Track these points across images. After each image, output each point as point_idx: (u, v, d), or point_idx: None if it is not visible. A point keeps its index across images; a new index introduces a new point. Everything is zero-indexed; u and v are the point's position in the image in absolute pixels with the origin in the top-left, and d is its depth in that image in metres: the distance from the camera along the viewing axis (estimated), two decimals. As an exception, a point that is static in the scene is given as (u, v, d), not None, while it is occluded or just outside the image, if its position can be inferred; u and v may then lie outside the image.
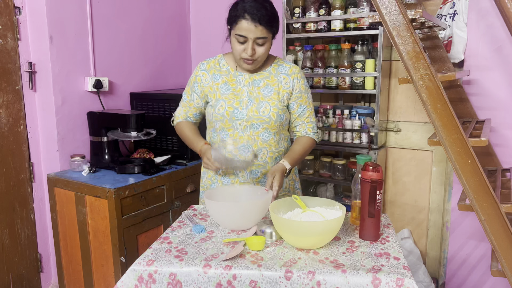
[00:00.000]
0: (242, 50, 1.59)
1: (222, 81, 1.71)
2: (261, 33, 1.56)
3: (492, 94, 2.26)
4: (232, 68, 1.72)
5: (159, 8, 2.95)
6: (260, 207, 1.43)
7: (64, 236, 2.31)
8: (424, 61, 1.54)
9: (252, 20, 1.53)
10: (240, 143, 1.68)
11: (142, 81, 2.86)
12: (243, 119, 1.67)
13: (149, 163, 2.37)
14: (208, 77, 1.72)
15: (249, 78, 1.71)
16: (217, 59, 1.76)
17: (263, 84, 1.71)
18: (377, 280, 1.14)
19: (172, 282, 1.21)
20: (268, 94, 1.69)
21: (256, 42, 1.58)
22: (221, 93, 1.70)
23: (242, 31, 1.55)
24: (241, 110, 1.67)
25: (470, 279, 2.49)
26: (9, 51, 2.22)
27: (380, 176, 1.35)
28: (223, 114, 1.67)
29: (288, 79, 1.72)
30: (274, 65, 1.74)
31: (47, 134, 2.37)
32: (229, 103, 1.68)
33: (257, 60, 1.62)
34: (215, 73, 1.72)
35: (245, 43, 1.58)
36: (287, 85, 1.72)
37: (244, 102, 1.68)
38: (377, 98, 2.40)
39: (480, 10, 2.23)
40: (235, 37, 1.58)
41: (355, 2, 2.44)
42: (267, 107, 1.67)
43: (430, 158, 2.56)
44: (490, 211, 1.58)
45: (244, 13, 1.53)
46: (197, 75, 1.74)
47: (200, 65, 1.76)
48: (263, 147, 1.71)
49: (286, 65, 1.75)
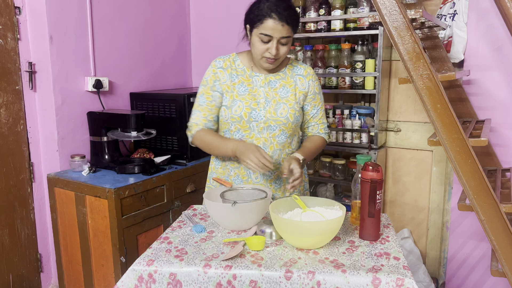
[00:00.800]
0: (265, 49, 1.56)
1: (238, 81, 1.68)
2: (286, 32, 1.54)
3: (492, 94, 2.26)
4: (247, 68, 1.70)
5: (159, 8, 2.95)
6: (260, 207, 1.43)
7: (64, 236, 2.31)
8: (424, 61, 1.54)
9: (280, 20, 1.51)
10: (257, 144, 1.66)
11: (142, 81, 2.86)
12: (261, 120, 1.65)
13: (149, 163, 2.37)
14: (225, 76, 1.68)
15: (265, 79, 1.69)
16: (231, 58, 1.72)
17: (280, 85, 1.69)
18: (377, 280, 1.14)
19: (172, 282, 1.21)
20: (285, 95, 1.68)
21: (280, 41, 1.55)
22: (238, 93, 1.66)
23: (268, 30, 1.52)
24: (259, 111, 1.64)
25: (470, 279, 2.49)
26: (9, 51, 2.22)
27: (380, 176, 1.35)
28: (241, 115, 1.64)
29: (304, 80, 1.72)
30: (289, 66, 1.73)
31: (47, 134, 2.37)
32: (246, 104, 1.64)
33: (278, 59, 1.60)
34: (231, 72, 1.69)
35: (269, 42, 1.55)
36: (303, 86, 1.71)
37: (261, 103, 1.65)
38: (377, 98, 2.40)
39: (480, 10, 2.23)
40: (259, 36, 1.55)
41: (355, 2, 2.44)
42: (284, 109, 1.66)
43: (430, 158, 2.56)
44: (490, 211, 1.58)
45: (270, 12, 1.51)
46: (215, 72, 1.69)
47: (216, 62, 1.71)
48: (278, 149, 1.69)
49: (301, 66, 1.74)
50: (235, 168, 1.72)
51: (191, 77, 3.31)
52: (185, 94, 2.49)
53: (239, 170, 1.71)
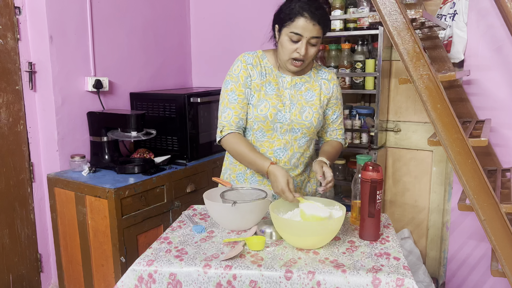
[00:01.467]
0: (293, 49, 1.54)
1: (267, 80, 1.65)
2: (317, 32, 1.52)
3: (492, 94, 2.26)
4: (275, 68, 1.67)
5: (159, 8, 2.95)
6: (260, 207, 1.43)
7: (64, 236, 2.31)
8: (424, 61, 1.54)
9: (312, 19, 1.49)
10: (277, 146, 1.65)
11: (142, 81, 2.86)
12: (285, 122, 1.63)
13: (149, 163, 2.37)
14: (255, 73, 1.64)
15: (291, 81, 1.67)
16: (259, 55, 1.68)
17: (305, 88, 1.67)
18: (377, 280, 1.14)
19: (172, 282, 1.21)
20: (311, 99, 1.66)
21: (309, 42, 1.53)
22: (265, 92, 1.63)
23: (299, 29, 1.50)
24: (284, 113, 1.62)
25: (470, 279, 2.48)
26: (9, 51, 2.22)
27: (380, 176, 1.35)
28: (266, 116, 1.61)
29: (329, 85, 1.71)
30: (313, 69, 1.72)
31: (47, 134, 2.37)
32: (273, 104, 1.62)
33: (305, 61, 1.58)
34: (261, 70, 1.65)
35: (298, 42, 1.53)
36: (328, 91, 1.70)
37: (287, 105, 1.63)
38: (377, 98, 2.40)
39: (480, 10, 2.23)
40: (289, 35, 1.52)
41: (355, 2, 2.44)
42: (310, 112, 1.65)
43: (430, 158, 2.56)
44: (490, 211, 1.58)
45: (302, 11, 1.49)
46: (246, 68, 1.63)
47: (246, 58, 1.65)
48: (298, 151, 1.68)
49: (325, 70, 1.74)
50: None
51: (191, 77, 3.31)
52: (185, 94, 2.49)
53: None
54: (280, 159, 1.66)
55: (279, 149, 1.65)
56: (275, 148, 1.65)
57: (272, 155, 1.65)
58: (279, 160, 1.66)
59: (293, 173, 1.70)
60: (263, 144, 1.66)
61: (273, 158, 1.65)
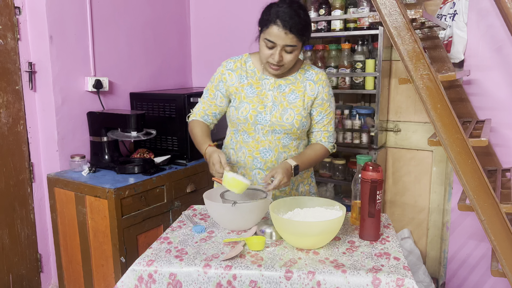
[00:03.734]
0: (269, 55, 1.56)
1: (247, 83, 1.68)
2: (290, 41, 1.51)
3: (492, 94, 2.26)
4: (258, 70, 1.69)
5: (159, 8, 2.95)
6: (260, 207, 1.43)
7: (64, 236, 2.31)
8: (424, 61, 1.54)
9: (283, 27, 1.48)
10: (261, 147, 1.67)
11: (142, 81, 2.86)
12: (266, 124, 1.65)
13: (149, 163, 2.37)
14: (234, 77, 1.69)
15: (275, 82, 1.68)
16: (243, 59, 1.72)
17: (289, 90, 1.67)
18: (377, 280, 1.14)
19: (172, 282, 1.21)
20: (294, 100, 1.66)
21: (284, 49, 1.54)
22: (246, 95, 1.66)
23: (272, 36, 1.51)
24: (265, 115, 1.64)
25: (470, 279, 2.49)
26: (9, 51, 2.22)
27: (380, 176, 1.35)
28: (246, 117, 1.65)
29: (314, 86, 1.69)
30: (301, 70, 1.71)
31: (47, 134, 2.37)
32: (253, 106, 1.64)
33: (283, 66, 1.59)
34: (241, 74, 1.69)
35: (273, 48, 1.54)
36: (312, 92, 1.68)
37: (268, 107, 1.65)
38: (377, 98, 2.40)
39: (480, 10, 2.23)
40: (264, 41, 1.55)
41: (355, 2, 2.44)
42: (291, 114, 1.64)
43: (430, 158, 2.56)
44: (490, 211, 1.58)
45: (276, 19, 1.49)
46: (223, 73, 1.70)
47: (226, 64, 1.72)
48: (283, 151, 1.69)
49: (313, 71, 1.71)
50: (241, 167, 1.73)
51: (191, 77, 3.31)
52: (185, 94, 2.49)
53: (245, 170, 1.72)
54: (266, 160, 1.68)
55: (264, 150, 1.67)
56: (261, 148, 1.67)
57: (258, 155, 1.68)
58: (265, 160, 1.67)
59: None
60: (249, 144, 1.69)
61: (259, 158, 1.68)
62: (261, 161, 1.68)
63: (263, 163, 1.68)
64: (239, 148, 1.71)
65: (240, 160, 1.71)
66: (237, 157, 1.72)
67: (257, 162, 1.68)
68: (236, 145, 1.72)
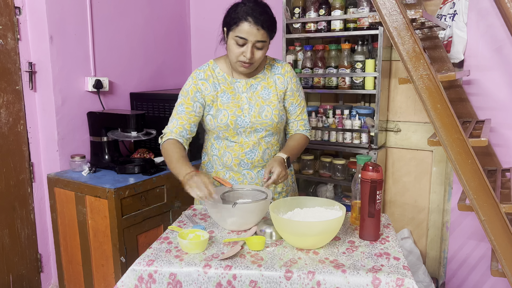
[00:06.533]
0: (240, 53, 1.58)
1: (221, 90, 1.69)
2: (262, 36, 1.55)
3: (492, 94, 2.26)
4: (228, 75, 1.71)
5: (159, 8, 2.95)
6: (260, 208, 1.43)
7: (64, 236, 2.31)
8: (424, 61, 1.54)
9: (255, 23, 1.52)
10: (246, 149, 1.68)
11: (142, 81, 2.86)
12: (247, 126, 1.66)
13: (149, 163, 2.37)
14: (208, 86, 1.68)
15: (246, 83, 1.70)
16: (210, 67, 1.73)
17: (261, 87, 1.71)
18: (377, 280, 1.14)
19: (172, 282, 1.21)
20: (267, 96, 1.70)
21: (255, 45, 1.57)
22: (222, 102, 1.67)
23: (243, 33, 1.54)
24: (244, 118, 1.66)
25: (470, 279, 2.49)
26: (9, 51, 2.22)
27: (380, 176, 1.35)
28: (227, 124, 1.65)
29: (283, 78, 1.73)
30: (267, 66, 1.75)
31: (47, 134, 2.37)
32: (231, 112, 1.66)
33: (253, 64, 1.62)
34: (214, 81, 1.69)
35: (244, 45, 1.57)
36: (282, 85, 1.73)
37: (245, 109, 1.67)
38: (377, 98, 2.40)
39: (480, 10, 2.23)
40: (234, 39, 1.57)
41: (355, 2, 2.44)
42: (268, 110, 1.68)
43: (430, 158, 2.56)
44: (490, 211, 1.58)
45: (246, 16, 1.53)
46: (196, 84, 1.69)
47: (197, 74, 1.71)
48: (267, 147, 1.71)
49: (278, 64, 1.76)
50: (229, 170, 1.73)
51: (191, 77, 3.31)
52: (185, 94, 2.49)
53: (234, 172, 1.73)
54: (253, 159, 1.70)
55: (249, 151, 1.69)
56: (246, 150, 1.69)
57: (244, 157, 1.69)
58: (252, 160, 1.69)
59: None
60: (233, 149, 1.69)
61: (246, 160, 1.69)
62: (248, 162, 1.70)
63: (250, 164, 1.70)
64: (223, 153, 1.71)
65: (227, 165, 1.72)
66: (222, 163, 1.73)
67: (244, 164, 1.70)
68: (219, 151, 1.72)
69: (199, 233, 1.33)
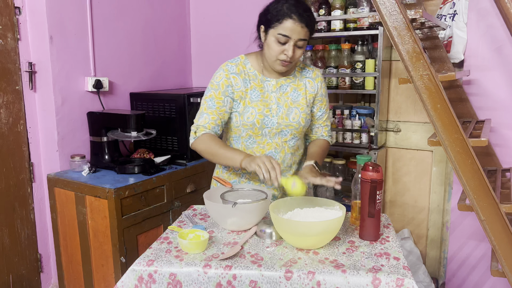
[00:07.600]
0: (280, 51, 1.52)
1: (251, 87, 1.63)
2: (304, 35, 1.51)
3: (492, 94, 2.26)
4: (258, 73, 1.65)
5: (159, 8, 2.95)
6: (260, 208, 1.43)
7: (64, 236, 2.31)
8: (424, 61, 1.54)
9: (300, 21, 1.48)
10: (268, 150, 1.66)
11: (142, 81, 2.86)
12: (273, 126, 1.63)
13: (149, 163, 2.37)
14: (239, 82, 1.62)
15: (277, 83, 1.66)
16: (242, 62, 1.66)
17: (291, 89, 1.67)
18: (377, 280, 1.14)
19: (172, 282, 1.21)
20: (297, 99, 1.66)
21: (297, 44, 1.52)
22: (250, 99, 1.62)
23: (287, 31, 1.49)
24: (271, 118, 1.62)
25: (470, 279, 2.49)
26: (9, 51, 2.22)
27: (380, 176, 1.35)
28: (253, 122, 1.61)
29: (313, 83, 1.71)
30: (297, 68, 1.71)
31: (47, 134, 2.37)
32: (259, 110, 1.61)
33: (292, 62, 1.57)
34: (245, 77, 1.63)
35: (285, 43, 1.51)
36: (313, 89, 1.70)
37: (273, 109, 1.63)
38: (377, 98, 2.40)
39: (480, 10, 2.23)
40: (276, 37, 1.51)
41: (355, 2, 2.44)
42: (296, 113, 1.65)
43: (430, 158, 2.56)
44: (490, 211, 1.58)
45: (291, 13, 1.48)
46: (228, 78, 1.61)
47: (229, 67, 1.63)
48: (290, 152, 1.69)
49: (309, 68, 1.73)
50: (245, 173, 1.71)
51: (191, 77, 3.31)
52: (185, 94, 2.49)
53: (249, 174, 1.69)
54: None
55: (270, 153, 1.66)
56: (267, 152, 1.66)
57: None
58: None
59: (287, 173, 1.70)
60: (254, 149, 1.66)
61: None
62: None
63: None
64: None
65: None
66: None
67: None
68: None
69: (199, 233, 1.33)
